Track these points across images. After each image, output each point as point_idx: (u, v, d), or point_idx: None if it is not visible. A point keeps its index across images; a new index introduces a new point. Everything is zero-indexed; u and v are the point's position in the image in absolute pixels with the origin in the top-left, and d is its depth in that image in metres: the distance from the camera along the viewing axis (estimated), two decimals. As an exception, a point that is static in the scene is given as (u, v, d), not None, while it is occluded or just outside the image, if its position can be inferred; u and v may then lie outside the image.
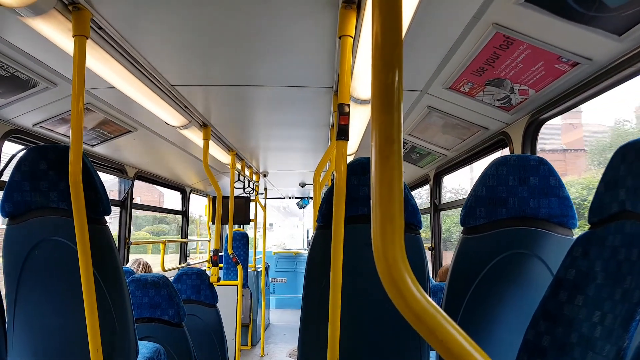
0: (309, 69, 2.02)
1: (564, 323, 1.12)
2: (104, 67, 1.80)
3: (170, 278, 2.80)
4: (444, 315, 0.50)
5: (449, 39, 1.60)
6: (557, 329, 1.13)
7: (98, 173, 1.58)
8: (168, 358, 2.36)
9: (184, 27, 1.60)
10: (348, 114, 1.44)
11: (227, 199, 4.22)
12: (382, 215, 0.53)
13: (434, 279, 3.25)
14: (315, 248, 1.53)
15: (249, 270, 5.59)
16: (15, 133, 2.28)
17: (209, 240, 6.41)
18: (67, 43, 1.54)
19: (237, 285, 3.97)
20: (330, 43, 1.72)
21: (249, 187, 5.04)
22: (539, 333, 1.18)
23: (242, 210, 5.55)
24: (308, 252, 1.56)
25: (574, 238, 1.29)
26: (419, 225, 1.54)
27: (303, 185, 6.53)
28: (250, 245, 6.03)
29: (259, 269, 5.89)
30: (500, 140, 2.33)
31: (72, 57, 1.44)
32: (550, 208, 1.46)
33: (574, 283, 1.13)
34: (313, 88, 2.26)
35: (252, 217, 5.80)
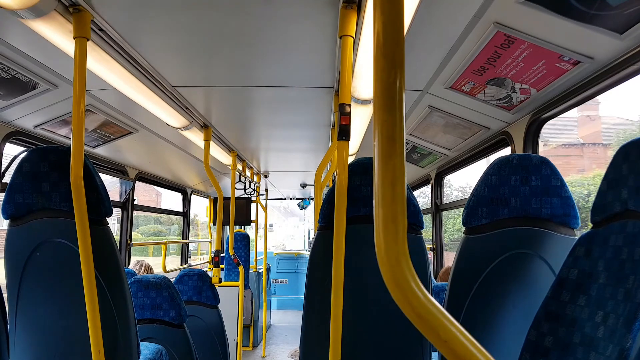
0: (310, 69, 2.02)
1: (567, 323, 1.11)
2: (105, 68, 1.80)
3: (172, 279, 2.80)
4: (448, 316, 0.50)
5: (450, 38, 1.59)
6: (559, 329, 1.13)
7: (99, 174, 1.58)
8: (169, 359, 2.36)
9: (185, 28, 1.60)
10: (349, 114, 1.44)
11: (228, 200, 4.22)
12: (384, 215, 0.53)
13: (435, 280, 3.24)
14: (317, 249, 1.53)
15: (250, 271, 5.59)
16: (17, 135, 2.28)
17: (210, 242, 6.41)
18: (67, 45, 1.54)
19: (238, 287, 3.97)
20: (331, 43, 1.72)
21: (250, 188, 5.05)
22: (542, 333, 1.18)
23: (243, 211, 5.55)
24: (309, 252, 1.56)
25: (577, 238, 1.28)
26: (421, 226, 1.54)
27: (304, 186, 6.53)
28: (252, 246, 6.04)
29: (260, 270, 5.90)
30: (502, 140, 2.32)
31: (72, 58, 1.44)
32: (553, 208, 1.45)
33: (577, 283, 1.13)
34: (314, 88, 2.26)
35: (253, 217, 5.81)
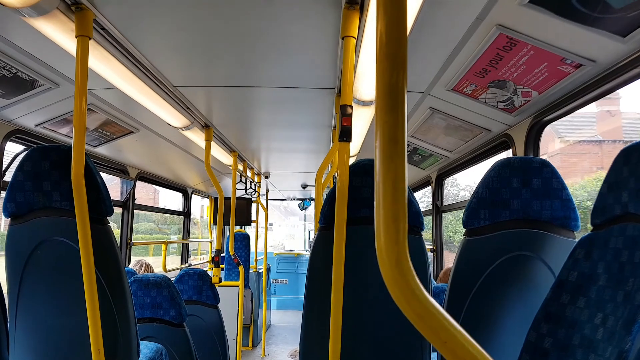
0: (312, 70, 2.02)
1: (566, 325, 1.11)
2: (107, 67, 1.80)
3: (172, 278, 2.80)
4: (447, 317, 0.50)
5: (452, 40, 1.59)
6: (559, 331, 1.13)
7: (100, 173, 1.58)
8: (169, 358, 2.36)
9: (187, 28, 1.60)
10: (350, 115, 1.44)
11: (228, 200, 4.22)
12: (385, 216, 0.53)
13: (435, 281, 3.24)
14: (317, 249, 1.53)
15: (251, 271, 5.59)
16: (18, 134, 2.29)
17: (210, 241, 6.41)
18: (69, 43, 1.54)
19: (238, 286, 3.97)
20: (333, 44, 1.72)
21: (251, 188, 5.05)
22: (541, 335, 1.18)
23: (243, 212, 5.55)
24: (310, 253, 1.56)
25: (577, 240, 1.28)
26: (422, 227, 1.53)
27: (305, 187, 6.53)
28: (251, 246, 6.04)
29: (261, 270, 5.90)
30: (503, 142, 2.32)
31: (74, 57, 1.44)
32: (553, 210, 1.45)
33: (576, 285, 1.13)
34: (315, 89, 2.26)
35: (253, 218, 5.81)
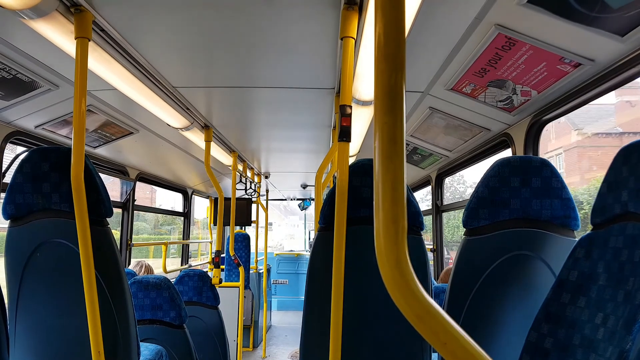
0: (311, 71, 2.02)
1: (567, 325, 1.11)
2: (106, 69, 1.80)
3: (172, 280, 2.80)
4: (447, 318, 0.50)
5: (451, 40, 1.59)
6: (559, 331, 1.13)
7: (100, 175, 1.58)
8: None
9: (186, 28, 1.60)
10: (350, 115, 1.44)
11: (228, 201, 4.22)
12: (385, 217, 0.53)
13: (436, 281, 3.24)
14: (317, 250, 1.53)
15: (251, 272, 5.59)
16: (17, 135, 2.29)
17: (211, 242, 6.41)
18: (69, 45, 1.54)
19: (238, 287, 3.97)
20: (332, 44, 1.72)
21: (251, 188, 5.05)
22: (542, 335, 1.18)
23: (243, 212, 5.55)
24: (310, 253, 1.56)
25: (577, 239, 1.28)
26: (421, 227, 1.53)
27: (305, 187, 6.53)
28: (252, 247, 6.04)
29: (261, 271, 5.89)
30: (503, 142, 2.32)
31: (74, 59, 1.44)
32: (553, 209, 1.45)
33: (577, 284, 1.13)
34: (315, 89, 2.26)
35: (253, 218, 5.80)
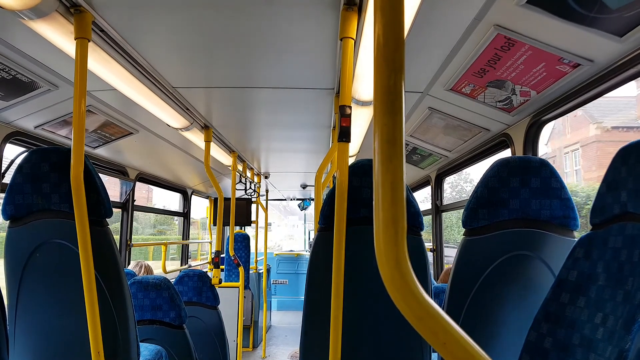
0: (311, 71, 2.02)
1: (566, 325, 1.11)
2: (106, 69, 1.80)
3: (172, 280, 2.80)
4: (446, 318, 0.50)
5: (450, 41, 1.60)
6: (558, 331, 1.13)
7: (99, 175, 1.58)
8: None
9: (186, 29, 1.61)
10: (349, 116, 1.44)
11: (228, 201, 4.22)
12: (384, 217, 0.53)
13: (436, 281, 3.24)
14: (317, 250, 1.53)
15: (251, 272, 5.59)
16: (17, 135, 2.29)
17: (210, 242, 6.41)
18: (68, 45, 1.54)
19: (238, 287, 3.97)
20: (332, 45, 1.72)
21: (250, 188, 5.05)
22: (541, 335, 1.18)
23: (243, 212, 5.55)
24: (310, 254, 1.56)
25: (576, 239, 1.28)
26: (421, 227, 1.54)
27: (304, 187, 6.53)
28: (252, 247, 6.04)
29: (261, 271, 5.89)
30: (502, 142, 2.32)
31: (73, 59, 1.44)
32: (552, 210, 1.46)
33: (576, 284, 1.13)
34: (314, 90, 2.26)
35: (253, 218, 5.80)
